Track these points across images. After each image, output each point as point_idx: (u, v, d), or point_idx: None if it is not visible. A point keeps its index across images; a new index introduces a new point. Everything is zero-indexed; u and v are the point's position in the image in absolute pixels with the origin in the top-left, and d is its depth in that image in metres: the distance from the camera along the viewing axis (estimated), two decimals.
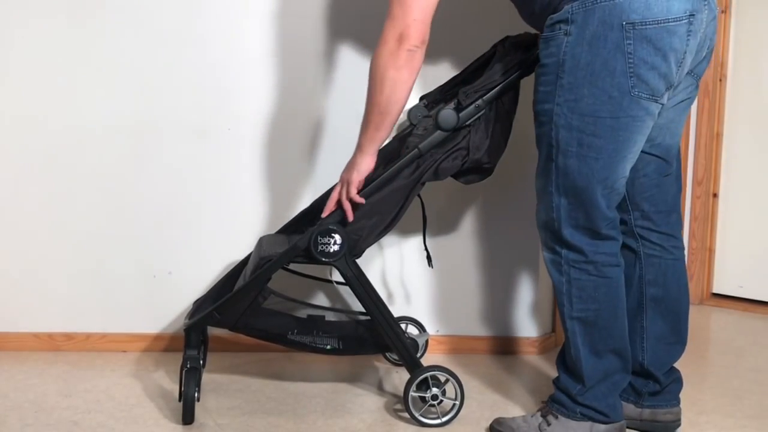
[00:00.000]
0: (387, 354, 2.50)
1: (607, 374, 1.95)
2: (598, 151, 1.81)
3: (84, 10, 2.45)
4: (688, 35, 1.75)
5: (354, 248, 2.05)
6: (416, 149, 2.03)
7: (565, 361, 1.99)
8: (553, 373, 2.40)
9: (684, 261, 2.08)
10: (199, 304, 2.28)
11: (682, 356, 2.08)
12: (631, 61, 1.73)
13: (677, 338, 2.07)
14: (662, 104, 1.82)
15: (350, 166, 2.04)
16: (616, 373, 1.96)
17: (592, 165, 1.81)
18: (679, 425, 2.08)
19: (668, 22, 1.72)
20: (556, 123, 1.82)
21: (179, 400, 2.09)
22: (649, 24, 1.71)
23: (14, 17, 2.44)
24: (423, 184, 2.06)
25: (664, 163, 1.99)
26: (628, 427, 2.05)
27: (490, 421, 2.09)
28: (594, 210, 1.85)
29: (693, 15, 1.74)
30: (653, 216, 2.02)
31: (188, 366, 2.06)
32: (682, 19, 1.73)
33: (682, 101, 1.94)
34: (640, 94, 1.76)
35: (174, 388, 2.27)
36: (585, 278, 1.89)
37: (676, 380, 2.08)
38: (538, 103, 1.87)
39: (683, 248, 2.09)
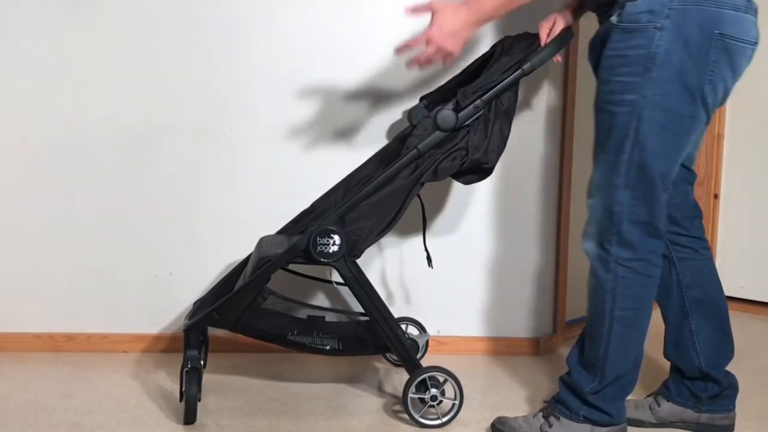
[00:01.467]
0: (387, 354, 2.51)
1: (622, 375, 1.95)
2: (672, 148, 1.82)
3: (85, 11, 2.45)
4: (748, 61, 1.82)
5: (353, 249, 2.05)
6: (415, 149, 2.03)
7: (581, 359, 1.98)
8: (554, 373, 2.40)
9: (713, 261, 2.10)
10: (199, 305, 2.29)
11: None
12: (713, 69, 1.76)
13: (725, 337, 2.08)
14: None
15: (452, 22, 1.90)
16: (629, 375, 1.96)
17: (663, 161, 1.82)
18: (733, 429, 2.11)
19: (745, 43, 1.78)
20: (640, 115, 1.79)
21: (180, 401, 2.09)
22: (736, 40, 1.76)
23: (16, 18, 2.45)
24: (422, 184, 2.06)
25: (688, 171, 2.03)
26: (686, 430, 2.09)
27: (491, 422, 2.09)
28: (658, 205, 1.85)
29: (756, 44, 1.80)
30: (681, 221, 2.04)
31: (189, 366, 2.07)
32: (752, 45, 1.79)
33: None
34: (711, 101, 1.80)
35: (174, 388, 2.28)
36: (632, 277, 1.88)
37: (733, 386, 2.10)
38: (617, 92, 1.81)
39: (710, 249, 2.11)
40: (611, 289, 1.89)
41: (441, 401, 2.09)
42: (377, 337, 2.14)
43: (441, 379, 2.10)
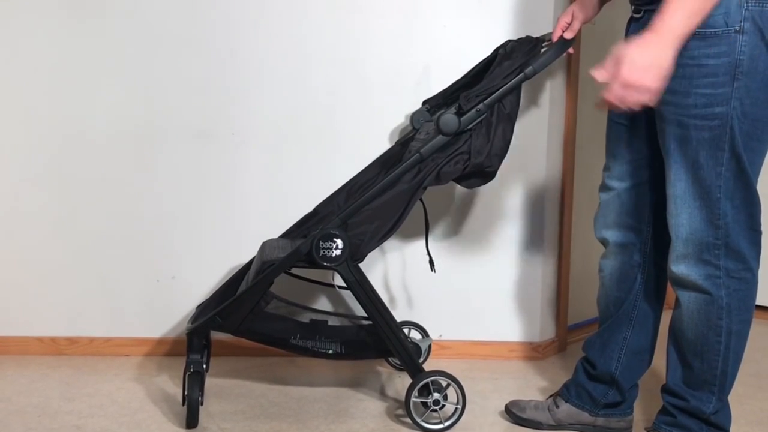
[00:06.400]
0: (389, 359, 2.50)
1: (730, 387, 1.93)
2: (756, 155, 1.76)
3: (88, 13, 2.46)
4: None
5: (356, 253, 2.05)
6: (418, 154, 2.03)
7: (688, 380, 1.91)
8: (556, 377, 2.40)
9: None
10: (202, 309, 2.29)
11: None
12: None
13: (649, 355, 2.09)
14: None
15: (645, 54, 1.61)
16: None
17: (755, 167, 1.77)
18: None
19: None
20: (732, 126, 1.70)
21: (183, 404, 2.09)
22: None
23: (19, 21, 2.45)
24: (425, 188, 2.06)
25: None
26: None
27: (493, 426, 2.09)
28: (757, 209, 1.80)
29: None
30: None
31: (191, 370, 2.06)
32: None
33: None
34: None
35: (177, 392, 2.28)
36: (745, 287, 1.82)
37: (633, 396, 2.10)
38: (702, 106, 1.71)
39: None
40: (726, 304, 1.81)
41: (443, 405, 2.09)
42: (380, 341, 2.13)
43: (443, 384, 2.10)
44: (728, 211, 1.77)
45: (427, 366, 2.17)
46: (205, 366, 2.22)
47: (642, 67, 1.60)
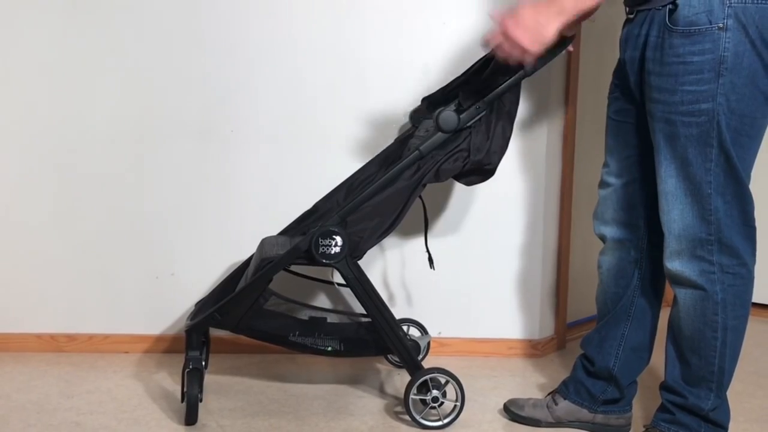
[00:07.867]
0: (388, 356, 2.51)
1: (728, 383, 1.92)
2: (747, 151, 1.77)
3: (87, 12, 2.46)
4: None
5: (355, 250, 2.05)
6: (417, 151, 2.03)
7: (687, 377, 1.91)
8: (555, 374, 2.40)
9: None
10: (201, 306, 2.29)
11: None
12: None
13: (648, 351, 2.09)
14: None
15: (532, 17, 1.77)
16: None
17: (745, 162, 1.77)
18: (629, 429, 2.11)
19: None
20: (719, 122, 1.72)
21: (181, 401, 2.09)
22: None
23: (19, 19, 2.45)
24: (424, 185, 2.06)
25: None
26: (582, 430, 2.09)
27: (492, 423, 2.09)
28: (749, 204, 1.80)
29: None
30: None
31: (190, 367, 2.07)
32: None
33: None
34: None
35: (176, 389, 2.28)
36: (740, 283, 1.82)
37: (632, 392, 2.11)
38: (689, 103, 1.73)
39: None
40: (721, 300, 1.82)
41: (442, 402, 2.09)
42: (379, 338, 2.13)
43: (442, 381, 2.10)
44: (720, 206, 1.78)
45: (426, 363, 2.18)
46: (204, 363, 2.22)
47: (524, 26, 1.77)
